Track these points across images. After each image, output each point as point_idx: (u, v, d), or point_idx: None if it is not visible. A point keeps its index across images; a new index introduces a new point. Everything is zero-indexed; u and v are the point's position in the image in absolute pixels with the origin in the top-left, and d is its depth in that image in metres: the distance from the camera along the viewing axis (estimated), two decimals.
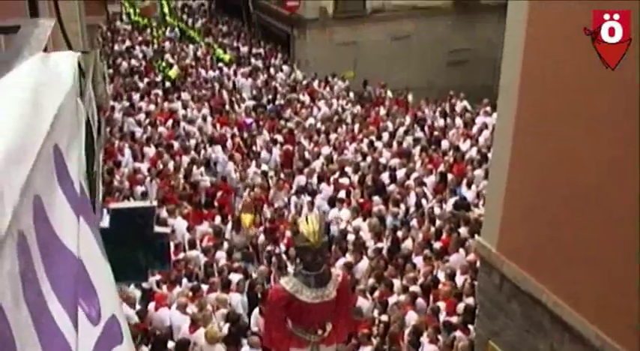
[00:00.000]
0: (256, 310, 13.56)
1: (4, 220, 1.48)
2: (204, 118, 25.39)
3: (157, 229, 9.77)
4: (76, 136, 2.23)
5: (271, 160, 21.78)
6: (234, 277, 14.75)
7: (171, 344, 12.79)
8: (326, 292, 8.22)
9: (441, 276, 14.49)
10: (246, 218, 17.33)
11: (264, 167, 21.23)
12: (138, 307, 13.74)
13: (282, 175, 20.58)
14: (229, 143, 23.16)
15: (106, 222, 8.83)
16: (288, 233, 16.87)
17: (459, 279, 14.35)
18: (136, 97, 27.55)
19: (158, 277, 14.68)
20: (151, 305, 13.82)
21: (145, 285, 14.28)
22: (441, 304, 13.58)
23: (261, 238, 17.29)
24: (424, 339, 12.55)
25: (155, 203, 11.76)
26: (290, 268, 15.38)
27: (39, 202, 1.76)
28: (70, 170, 2.08)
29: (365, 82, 30.24)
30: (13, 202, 1.53)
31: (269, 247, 16.62)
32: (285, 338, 8.43)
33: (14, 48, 2.73)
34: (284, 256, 16.09)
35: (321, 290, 8.21)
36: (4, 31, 3.52)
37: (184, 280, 14.72)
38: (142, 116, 25.47)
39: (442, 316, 13.34)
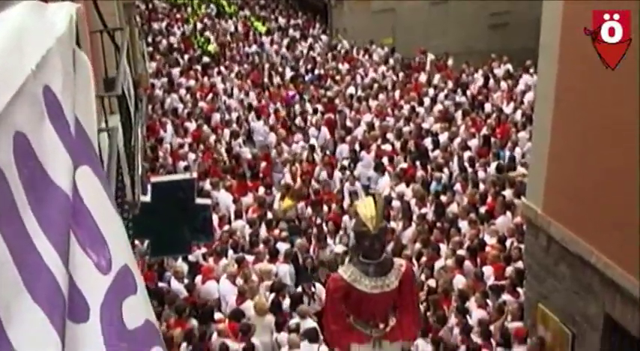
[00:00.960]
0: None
1: None
2: (247, 93, 25.42)
3: (199, 200, 9.90)
4: (73, 81, 2.21)
5: (320, 136, 21.61)
6: (282, 247, 14.84)
7: (218, 316, 12.91)
8: (386, 282, 7.85)
9: (488, 239, 14.39)
10: (287, 202, 17.21)
11: (313, 141, 21.04)
12: (186, 281, 13.87)
13: (327, 152, 20.41)
14: (272, 118, 23.12)
15: (148, 196, 8.98)
16: (334, 207, 16.97)
17: (506, 242, 14.22)
18: (175, 72, 27.62)
19: (204, 249, 14.77)
20: (198, 278, 13.90)
21: (191, 258, 14.42)
22: (489, 268, 13.48)
23: (308, 210, 17.29)
24: (472, 304, 12.48)
25: (195, 175, 11.88)
26: (330, 241, 15.34)
27: (23, 139, 1.76)
28: (66, 112, 2.07)
29: (392, 49, 30.08)
30: None
31: (312, 218, 16.63)
32: (345, 332, 8.06)
33: None
34: (324, 228, 16.00)
35: (381, 280, 7.84)
36: None
37: (230, 252, 14.77)
38: (182, 92, 25.56)
39: (490, 281, 13.26)
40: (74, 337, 1.94)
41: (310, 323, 12.15)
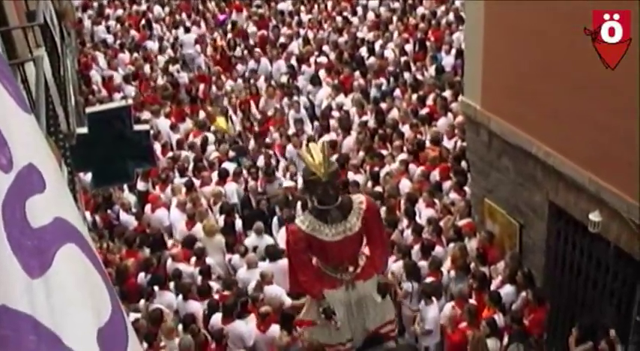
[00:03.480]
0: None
1: None
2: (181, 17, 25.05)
3: (137, 127, 9.83)
4: None
5: (260, 66, 21.28)
6: (230, 166, 14.84)
7: (170, 243, 12.96)
8: (348, 226, 7.55)
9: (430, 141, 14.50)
10: (221, 123, 16.93)
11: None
12: (134, 210, 13.84)
13: (272, 83, 20.12)
14: (210, 49, 22.82)
15: (85, 128, 8.88)
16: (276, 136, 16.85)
17: (449, 143, 14.36)
18: (103, 2, 26.92)
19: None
20: (148, 207, 13.88)
21: (141, 188, 14.37)
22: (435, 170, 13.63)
23: (252, 143, 17.28)
24: (420, 205, 12.65)
25: (130, 102, 11.73)
26: (279, 174, 15.27)
27: None
28: None
29: None
30: None
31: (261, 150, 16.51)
32: (315, 281, 7.76)
33: None
34: (272, 162, 15.83)
35: (342, 225, 7.53)
36: None
37: (177, 179, 14.72)
38: (112, 22, 24.99)
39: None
40: None
41: (268, 241, 12.26)
